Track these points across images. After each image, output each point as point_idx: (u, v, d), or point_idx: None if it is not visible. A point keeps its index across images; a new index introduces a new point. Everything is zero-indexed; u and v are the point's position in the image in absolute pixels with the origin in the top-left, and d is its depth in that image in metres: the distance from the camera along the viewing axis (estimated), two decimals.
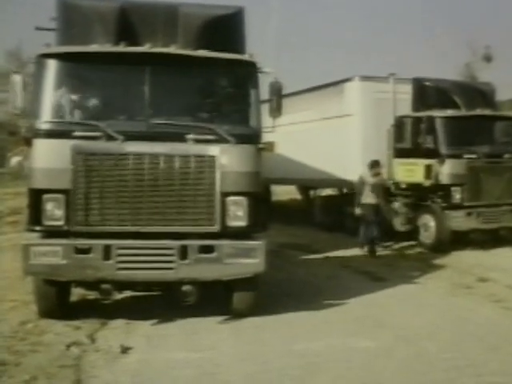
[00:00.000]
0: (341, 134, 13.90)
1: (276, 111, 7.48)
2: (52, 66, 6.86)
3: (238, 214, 6.96)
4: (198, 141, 6.84)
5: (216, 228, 6.90)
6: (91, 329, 6.97)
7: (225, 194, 6.90)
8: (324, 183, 15.30)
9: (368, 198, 12.10)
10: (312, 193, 16.67)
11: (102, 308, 7.61)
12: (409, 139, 12.88)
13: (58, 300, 7.04)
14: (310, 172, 14.91)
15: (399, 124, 13.10)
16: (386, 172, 13.05)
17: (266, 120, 7.40)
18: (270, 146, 7.36)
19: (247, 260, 6.95)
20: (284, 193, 21.33)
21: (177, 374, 5.75)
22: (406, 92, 13.27)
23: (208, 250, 6.88)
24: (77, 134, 6.65)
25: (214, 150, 6.85)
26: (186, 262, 6.82)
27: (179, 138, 6.83)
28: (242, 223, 6.99)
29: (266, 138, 7.36)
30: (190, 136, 6.82)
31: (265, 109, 7.35)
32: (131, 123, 6.91)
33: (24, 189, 8.58)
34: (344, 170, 13.75)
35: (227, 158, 6.88)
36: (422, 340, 6.76)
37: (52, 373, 5.66)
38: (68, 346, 6.33)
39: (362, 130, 13.60)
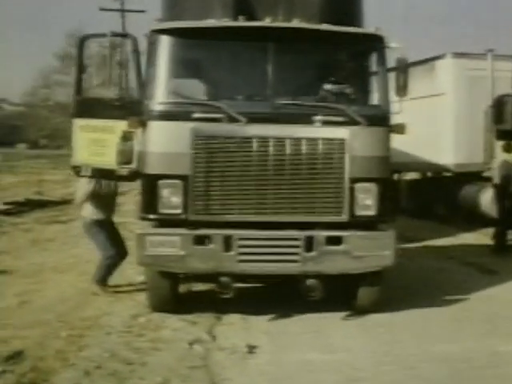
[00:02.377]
0: (432, 114, 13.09)
1: (402, 90, 6.82)
2: (167, 42, 6.34)
3: (368, 203, 6.38)
4: (325, 122, 6.26)
5: (344, 217, 6.33)
6: (207, 324, 6.53)
7: (353, 181, 6.32)
8: (412, 166, 14.52)
9: None
10: (396, 176, 15.92)
11: (210, 301, 7.15)
12: (510, 120, 11.99)
13: (172, 293, 6.61)
14: (397, 154, 14.16)
15: (499, 104, 12.21)
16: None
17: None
18: (401, 128, 6.68)
19: (377, 252, 6.38)
20: None
21: (316, 379, 5.26)
22: (507, 69, 12.33)
23: (335, 241, 6.33)
24: (196, 115, 6.14)
25: (343, 132, 6.26)
26: (312, 254, 6.29)
27: (305, 119, 6.26)
28: (371, 212, 6.41)
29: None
30: (318, 117, 6.24)
31: None
32: (253, 104, 6.36)
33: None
34: (435, 153, 12.98)
35: (357, 142, 6.28)
36: None
37: (184, 374, 5.21)
38: (190, 344, 5.90)
39: (454, 110, 12.79)
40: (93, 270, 8.51)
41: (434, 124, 13.06)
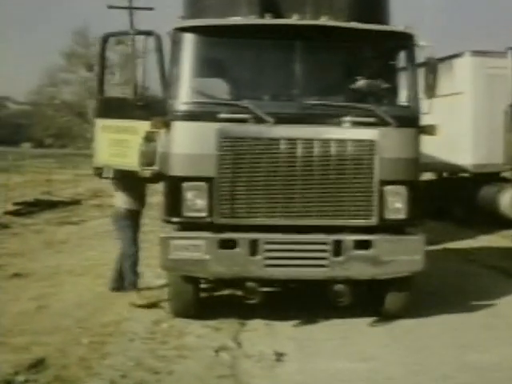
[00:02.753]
0: (450, 113, 12.86)
1: (431, 89, 6.62)
2: (191, 40, 6.15)
3: (397, 206, 6.19)
4: (355, 123, 6.07)
5: (373, 221, 6.14)
6: (231, 330, 6.34)
7: (383, 183, 6.13)
8: (428, 167, 14.27)
9: None
10: None
11: (232, 306, 6.97)
12: None
13: (195, 298, 6.42)
14: None
15: None
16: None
17: None
18: (432, 129, 6.49)
19: (406, 257, 6.19)
20: None
21: None
22: None
23: (363, 245, 6.14)
24: (222, 116, 5.95)
25: (373, 133, 6.06)
26: (340, 258, 6.10)
27: (334, 120, 6.08)
28: (400, 216, 6.22)
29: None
30: (347, 118, 6.05)
31: None
32: (281, 104, 6.18)
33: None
34: (453, 153, 12.78)
35: (387, 143, 6.09)
36: None
37: None
38: (216, 352, 5.72)
39: (473, 110, 12.59)
40: (109, 273, 8.42)
41: (452, 123, 12.81)
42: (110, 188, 22.25)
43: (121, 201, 7.30)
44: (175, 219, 6.13)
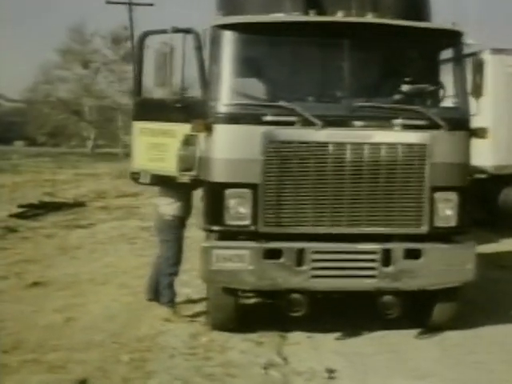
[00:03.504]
0: None
1: (479, 90, 6.35)
2: (234, 38, 5.80)
3: (448, 213, 5.90)
4: (405, 126, 5.76)
5: (424, 229, 5.85)
6: (274, 344, 6.04)
7: (434, 189, 5.84)
8: None
9: None
10: None
11: (269, 317, 6.64)
12: None
13: (236, 311, 6.10)
14: None
15: None
16: None
17: None
18: (483, 132, 6.22)
19: (458, 267, 5.90)
20: None
21: None
22: None
23: (413, 254, 5.85)
24: (268, 118, 5.63)
25: (424, 137, 5.77)
26: (390, 268, 5.80)
27: (384, 123, 5.77)
28: (451, 223, 5.93)
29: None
30: (397, 121, 5.75)
31: None
32: (328, 106, 5.87)
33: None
34: (472, 154, 12.47)
35: (438, 147, 5.80)
36: None
37: None
38: (265, 369, 5.41)
39: (492, 109, 12.28)
40: (132, 282, 8.10)
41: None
42: (114, 189, 21.65)
43: (165, 208, 6.73)
44: (216, 228, 5.81)
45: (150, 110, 6.43)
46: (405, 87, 6.08)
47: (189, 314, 6.80)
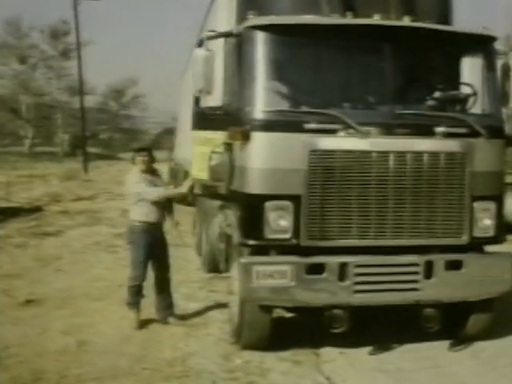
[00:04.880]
0: None
1: (508, 98, 6.28)
2: (272, 41, 5.47)
3: (487, 223, 5.79)
4: (447, 134, 5.59)
5: (464, 239, 5.71)
6: (311, 363, 5.76)
7: (473, 199, 5.71)
8: None
9: None
10: None
11: (294, 332, 6.36)
12: None
13: (270, 329, 5.77)
14: None
15: None
16: None
17: None
18: None
19: (497, 277, 5.80)
20: None
21: None
22: None
23: (453, 266, 5.70)
24: (310, 126, 5.32)
25: (465, 145, 5.63)
26: (432, 280, 5.63)
27: (425, 131, 5.58)
28: (489, 233, 5.83)
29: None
30: (440, 129, 5.57)
31: None
32: (371, 113, 5.63)
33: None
34: None
35: (476, 156, 5.67)
36: None
37: None
38: None
39: None
40: None
41: None
42: (68, 192, 20.66)
43: (134, 214, 6.54)
44: (254, 242, 5.45)
45: (201, 118, 6.07)
46: (442, 94, 5.94)
47: (208, 332, 6.42)
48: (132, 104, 60.86)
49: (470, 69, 6.13)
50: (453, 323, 6.21)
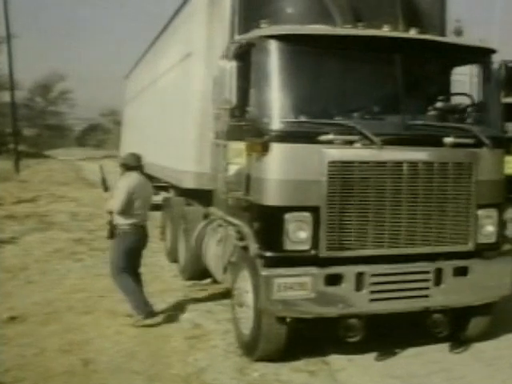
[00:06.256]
0: None
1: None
2: (289, 51, 5.44)
3: (490, 229, 6.00)
4: (455, 145, 5.74)
5: (470, 246, 5.89)
6: (324, 372, 5.77)
7: (478, 207, 5.90)
8: None
9: None
10: None
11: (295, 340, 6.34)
12: None
13: (286, 340, 5.73)
14: None
15: None
16: None
17: None
18: None
19: (498, 281, 6.03)
20: None
21: None
22: None
23: (460, 272, 5.88)
24: (328, 137, 5.32)
25: (472, 155, 5.80)
26: (441, 287, 5.78)
27: (435, 141, 5.71)
28: (491, 239, 6.04)
29: None
30: (448, 139, 5.71)
31: None
32: (385, 124, 5.68)
33: None
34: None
35: (481, 165, 5.86)
36: None
37: None
38: None
39: None
40: (118, 307, 7.37)
41: None
42: (7, 194, 19.71)
43: (119, 218, 6.79)
44: (273, 254, 5.38)
45: (233, 129, 5.98)
46: (445, 104, 6.08)
47: (212, 344, 6.30)
48: (60, 100, 58.90)
49: (475, 81, 6.33)
50: (453, 326, 6.41)
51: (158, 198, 15.69)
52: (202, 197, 8.17)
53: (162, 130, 11.05)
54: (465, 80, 6.70)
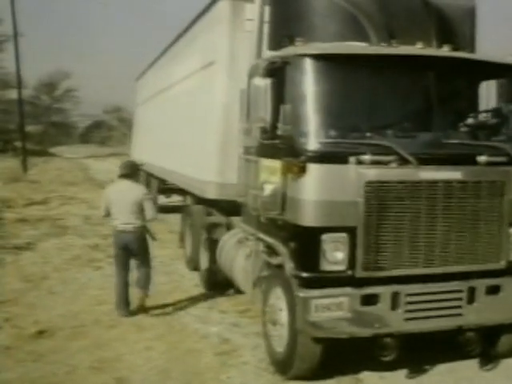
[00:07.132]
0: None
1: None
2: (323, 70, 5.43)
3: None
4: (488, 163, 5.73)
5: (502, 264, 5.88)
6: None
7: (510, 225, 5.90)
8: None
9: None
10: None
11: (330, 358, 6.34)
12: None
13: (320, 359, 5.74)
14: None
15: None
16: None
17: None
18: None
19: None
20: None
21: None
22: None
23: (492, 290, 5.88)
24: (365, 157, 5.31)
25: (504, 173, 5.79)
26: (474, 305, 5.78)
27: (469, 160, 5.69)
28: None
29: None
30: (481, 158, 5.69)
31: None
32: (419, 143, 5.65)
33: None
34: None
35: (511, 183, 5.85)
36: None
37: None
38: None
39: None
40: (144, 321, 7.40)
41: None
42: (18, 196, 19.70)
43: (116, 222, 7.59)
44: (310, 274, 5.38)
45: (265, 146, 6.00)
46: (477, 122, 6.07)
47: (243, 360, 6.31)
48: (65, 98, 58.94)
49: (501, 97, 6.31)
50: (483, 343, 6.41)
51: (168, 200, 15.74)
52: (223, 206, 8.18)
53: (179, 136, 11.03)
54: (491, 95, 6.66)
